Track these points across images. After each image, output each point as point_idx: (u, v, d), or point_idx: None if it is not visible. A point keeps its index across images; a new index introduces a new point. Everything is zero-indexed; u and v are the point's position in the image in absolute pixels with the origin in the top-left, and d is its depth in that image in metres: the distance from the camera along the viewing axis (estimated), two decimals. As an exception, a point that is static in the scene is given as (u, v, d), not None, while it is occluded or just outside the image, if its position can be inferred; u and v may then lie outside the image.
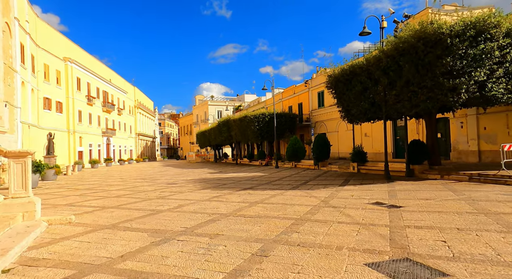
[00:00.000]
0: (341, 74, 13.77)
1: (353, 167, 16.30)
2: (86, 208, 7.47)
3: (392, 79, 11.22)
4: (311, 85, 30.46)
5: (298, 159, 22.93)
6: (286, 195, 9.05)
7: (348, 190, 9.52)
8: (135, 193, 10.32)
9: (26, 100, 26.23)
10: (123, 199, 8.98)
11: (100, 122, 43.97)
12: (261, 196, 8.98)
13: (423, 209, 6.30)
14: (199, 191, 10.66)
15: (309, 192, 9.43)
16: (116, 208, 7.32)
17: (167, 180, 15.55)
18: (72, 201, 8.65)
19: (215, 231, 5.02)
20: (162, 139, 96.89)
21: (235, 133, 32.40)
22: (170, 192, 10.37)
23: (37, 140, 27.41)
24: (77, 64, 37.25)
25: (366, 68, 12.45)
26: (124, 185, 13.40)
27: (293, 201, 7.91)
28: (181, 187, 12.14)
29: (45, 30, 31.87)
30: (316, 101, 29.72)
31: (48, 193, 10.98)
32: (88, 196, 9.94)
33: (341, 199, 7.91)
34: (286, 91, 36.21)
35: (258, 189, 10.61)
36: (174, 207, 7.34)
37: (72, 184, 14.59)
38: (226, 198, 8.66)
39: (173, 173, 21.89)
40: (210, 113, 61.05)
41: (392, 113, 11.93)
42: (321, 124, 28.44)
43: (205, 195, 9.53)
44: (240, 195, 9.21)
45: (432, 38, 9.42)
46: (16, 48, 23.90)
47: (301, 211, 6.49)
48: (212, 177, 16.78)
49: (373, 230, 4.82)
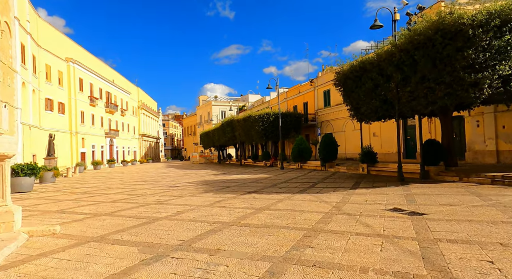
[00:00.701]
0: (350, 70, 13.07)
1: (362, 168, 15.57)
2: (77, 215, 6.88)
3: (406, 75, 10.51)
4: (316, 84, 29.74)
5: (304, 160, 22.23)
6: (294, 199, 8.38)
7: (360, 194, 8.82)
8: (132, 198, 9.73)
9: (27, 101, 25.87)
10: (118, 204, 8.38)
11: (103, 123, 43.66)
12: (267, 201, 8.32)
13: (449, 217, 5.60)
14: (200, 195, 10.04)
15: (319, 197, 8.75)
16: (109, 215, 6.71)
17: (168, 183, 14.97)
18: (64, 207, 8.07)
19: (216, 245, 4.38)
20: (166, 140, 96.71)
21: (239, 133, 31.80)
22: (170, 197, 9.76)
23: (39, 142, 27.05)
24: (80, 65, 36.93)
25: (377, 63, 11.75)
26: (122, 188, 12.83)
27: (302, 207, 7.24)
28: (182, 190, 11.53)
29: (47, 30, 31.54)
30: (322, 100, 28.98)
31: (42, 197, 10.43)
32: (83, 200, 9.37)
33: (354, 205, 7.23)
34: (291, 91, 35.51)
35: (263, 193, 9.96)
36: (172, 214, 6.71)
37: (70, 187, 14.07)
38: (229, 203, 8.02)
39: (175, 174, 21.32)
40: (214, 113, 60.56)
41: (405, 111, 11.20)
42: (327, 124, 27.70)
43: (207, 199, 8.90)
44: (245, 200, 8.57)
45: (452, 29, 8.70)
46: (16, 48, 23.53)
47: (312, 220, 5.82)
48: (215, 179, 16.16)
49: (399, 244, 4.14)
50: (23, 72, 25.02)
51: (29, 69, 26.49)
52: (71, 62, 35.37)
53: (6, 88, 21.26)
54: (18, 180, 11.31)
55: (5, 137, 16.88)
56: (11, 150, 15.96)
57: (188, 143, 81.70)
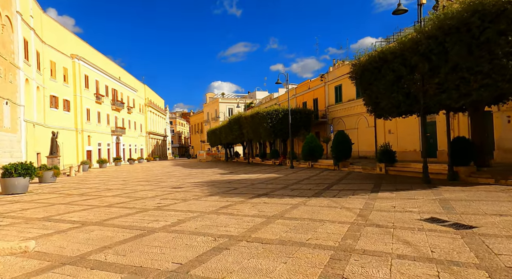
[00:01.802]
0: (368, 61, 11.95)
1: (380, 168, 14.47)
2: (63, 224, 6.02)
3: (434, 65, 9.37)
4: (327, 79, 28.55)
5: (314, 158, 21.17)
6: (310, 205, 7.39)
7: (385, 199, 7.78)
8: (131, 201, 8.87)
9: (31, 98, 25.36)
10: (114, 209, 7.51)
11: (109, 120, 43.23)
12: (280, 206, 7.35)
13: (509, 232, 4.54)
14: (205, 198, 9.13)
15: (338, 201, 7.74)
16: (99, 225, 5.83)
17: (172, 183, 14.12)
18: (53, 213, 7.24)
19: (220, 271, 3.43)
20: (173, 137, 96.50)
21: (246, 131, 30.86)
22: (172, 200, 8.87)
23: (43, 140, 26.57)
24: (85, 61, 36.42)
25: (400, 53, 10.62)
26: (123, 190, 12.01)
27: (321, 214, 6.25)
28: (186, 192, 10.64)
29: (51, 26, 31.02)
30: (333, 96, 27.80)
31: (34, 200, 9.66)
32: (76, 204, 8.54)
33: (382, 213, 6.21)
34: (300, 86, 34.37)
35: (275, 196, 8.99)
36: (171, 224, 5.80)
37: (68, 188, 13.34)
38: (238, 210, 7.08)
39: (181, 174, 20.51)
40: (221, 110, 59.73)
41: (432, 105, 10.07)
42: (339, 121, 26.54)
43: (212, 204, 7.98)
44: (254, 205, 7.61)
45: (493, 10, 7.55)
46: (18, 43, 22.96)
47: (337, 233, 4.84)
48: (222, 179, 15.26)
49: (461, 276, 3.13)
50: (27, 69, 24.49)
51: (33, 66, 25.96)
52: (76, 59, 34.87)
53: (8, 84, 20.71)
54: (12, 181, 10.58)
55: (5, 135, 16.22)
56: (13, 149, 15.22)
57: (195, 141, 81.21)
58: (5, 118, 20.11)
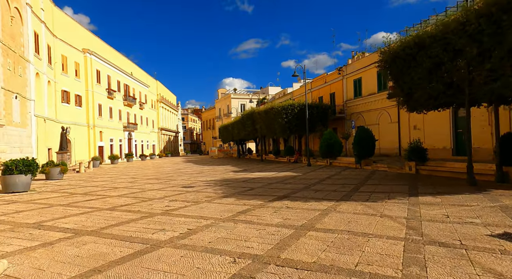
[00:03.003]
0: (401, 47, 10.61)
1: (409, 167, 13.15)
2: (54, 233, 5.10)
3: (485, 48, 8.02)
4: (345, 73, 27.09)
5: (333, 156, 19.91)
6: (342, 211, 6.27)
7: (431, 205, 6.58)
8: (137, 203, 7.95)
9: (42, 93, 24.95)
10: (116, 214, 6.58)
11: (121, 116, 42.91)
12: (307, 212, 6.26)
13: None
14: (220, 200, 8.12)
15: (374, 207, 6.59)
16: (95, 236, 4.88)
17: (183, 181, 13.21)
18: (46, 218, 6.36)
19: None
20: (185, 133, 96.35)
21: (260, 126, 29.76)
22: (182, 202, 7.89)
23: (55, 135, 26.20)
24: (97, 56, 36.00)
25: (441, 36, 9.26)
26: (130, 189, 11.15)
27: (361, 225, 5.12)
28: (197, 192, 9.66)
29: (63, 20, 30.59)
30: (352, 90, 26.34)
31: (32, 200, 8.87)
32: (76, 207, 7.68)
33: (436, 224, 5.04)
34: (316, 81, 32.96)
35: (297, 199, 7.90)
36: (180, 236, 4.79)
37: (74, 186, 12.60)
38: (257, 216, 6.02)
39: (192, 171, 19.65)
40: (233, 106, 58.77)
41: (481, 96, 8.70)
42: (358, 116, 25.10)
43: (228, 208, 6.95)
44: (277, 210, 6.54)
45: None
46: (29, 36, 22.48)
47: (392, 254, 3.71)
48: (236, 177, 14.26)
49: None
50: (37, 62, 24.05)
51: (44, 60, 25.54)
52: (88, 53, 34.46)
53: (17, 78, 20.23)
54: (12, 179, 9.85)
55: (15, 130, 15.59)
56: (23, 144, 14.39)
57: (207, 137, 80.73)
58: (15, 112, 19.65)
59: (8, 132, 18.46)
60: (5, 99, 18.28)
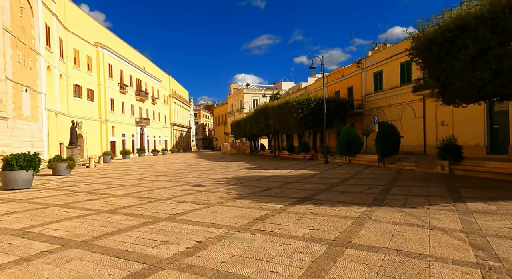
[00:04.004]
0: (439, 32, 9.37)
1: (441, 166, 11.90)
2: (37, 244, 4.29)
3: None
4: (365, 65, 25.65)
5: (352, 153, 18.72)
6: (379, 220, 5.24)
7: (486, 214, 5.47)
8: (141, 205, 7.12)
9: (53, 86, 24.62)
10: (115, 218, 5.76)
11: (134, 111, 42.64)
12: (336, 220, 5.26)
13: None
14: (233, 202, 7.21)
15: (416, 215, 5.53)
16: (84, 248, 4.03)
17: (194, 179, 12.39)
18: (36, 222, 5.60)
19: None
20: (197, 129, 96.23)
21: (273, 122, 28.72)
22: (191, 204, 7.02)
23: (66, 129, 25.86)
24: (109, 50, 35.63)
25: (489, 17, 8.01)
26: (136, 187, 10.39)
27: (410, 241, 4.10)
28: (208, 192, 8.79)
29: (75, 13, 30.21)
30: (372, 83, 24.91)
31: (29, 199, 8.19)
32: (73, 208, 6.92)
33: (508, 242, 3.96)
34: (333, 74, 31.58)
35: (321, 202, 6.89)
36: (185, 252, 3.89)
37: (79, 183, 11.96)
38: (279, 225, 5.07)
39: (204, 167, 18.86)
40: (246, 101, 57.81)
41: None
42: (378, 111, 23.70)
43: (243, 212, 6.03)
44: (300, 218, 5.57)
45: None
46: (39, 28, 22.07)
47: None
48: (250, 175, 13.35)
49: None
50: (48, 55, 23.70)
51: (55, 53, 25.18)
52: (100, 47, 34.10)
53: (27, 70, 19.85)
54: (12, 175, 9.23)
55: (25, 124, 15.04)
56: (34, 138, 13.71)
57: (219, 133, 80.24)
58: (25, 106, 19.29)
59: (18, 125, 18.09)
60: (14, 92, 17.87)
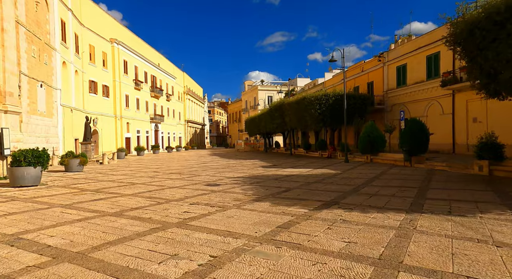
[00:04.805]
0: (484, 15, 8.28)
1: (479, 166, 10.76)
2: (25, 255, 3.68)
3: None
4: (387, 59, 24.34)
5: (375, 151, 17.65)
6: (426, 231, 4.37)
7: (562, 227, 4.49)
8: (150, 206, 6.49)
9: (69, 82, 24.58)
10: (121, 222, 5.12)
11: (148, 107, 42.60)
12: (375, 230, 4.43)
13: None
14: (251, 204, 6.47)
15: (469, 225, 4.64)
16: (76, 265, 3.38)
17: (208, 178, 11.74)
18: (33, 226, 5.03)
19: None
20: (211, 126, 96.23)
21: (289, 118, 27.83)
22: (205, 207, 6.33)
23: (81, 125, 25.83)
24: (124, 46, 35.55)
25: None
26: (148, 185, 9.82)
27: (479, 263, 3.24)
28: (223, 193, 8.09)
29: (90, 9, 30.16)
30: (394, 78, 23.60)
31: (33, 198, 7.73)
32: (76, 210, 6.35)
33: None
34: (351, 69, 30.31)
35: (351, 206, 6.06)
36: (197, 271, 3.18)
37: (89, 180, 11.53)
38: (307, 235, 4.29)
39: (218, 165, 18.24)
40: (260, 98, 57.02)
41: None
42: (402, 107, 22.40)
43: (263, 218, 5.28)
44: (331, 226, 4.77)
45: None
46: (55, 24, 21.99)
47: None
48: (267, 174, 12.60)
49: None
50: (64, 51, 23.63)
51: (71, 48, 25.13)
52: (115, 43, 34.03)
53: (42, 66, 19.74)
54: (20, 171, 8.83)
55: (40, 119, 14.74)
56: (49, 134, 13.19)
57: (233, 130, 79.84)
58: (40, 101, 19.19)
59: (32, 121, 17.99)
60: (29, 87, 17.75)
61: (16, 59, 15.27)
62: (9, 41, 12.35)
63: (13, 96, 12.89)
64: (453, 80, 16.76)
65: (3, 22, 11.87)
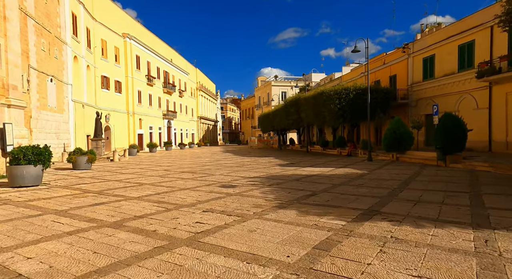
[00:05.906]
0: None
1: (532, 168, 9.35)
2: None
3: None
4: (412, 50, 22.70)
5: (401, 149, 16.28)
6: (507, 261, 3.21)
7: None
8: (157, 214, 5.55)
9: (80, 77, 24.11)
10: (118, 238, 4.18)
11: (161, 104, 42.11)
12: (446, 256, 3.31)
13: None
14: (274, 213, 5.43)
15: None
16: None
17: (222, 178, 10.78)
18: (12, 242, 4.16)
19: None
20: (224, 123, 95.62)
21: (306, 114, 26.59)
22: (220, 215, 5.32)
23: (93, 121, 25.44)
24: (137, 41, 35.01)
25: None
26: (157, 187, 8.93)
27: None
28: (241, 196, 7.08)
29: (102, 3, 29.63)
30: (420, 70, 21.98)
31: (27, 201, 6.93)
32: (70, 218, 5.48)
33: None
34: (372, 62, 28.63)
35: (396, 217, 4.92)
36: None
37: (95, 180, 10.75)
38: (358, 264, 3.21)
39: (232, 163, 17.29)
40: (274, 94, 55.77)
41: None
42: (428, 102, 20.84)
43: (293, 234, 4.23)
44: (383, 247, 3.67)
45: None
46: (66, 17, 21.45)
47: None
48: (286, 174, 11.53)
49: None
50: (75, 45, 23.14)
51: (82, 43, 24.63)
52: (128, 38, 33.52)
53: (52, 60, 19.21)
54: (19, 170, 8.09)
55: (51, 115, 14.02)
56: (60, 130, 12.26)
57: (245, 127, 78.94)
58: (50, 96, 18.68)
59: (42, 116, 17.48)
60: (39, 81, 17.23)
61: (24, 52, 14.68)
62: (12, 31, 11.70)
63: (17, 90, 12.25)
64: (491, 70, 15.16)
65: (5, 9, 11.19)
